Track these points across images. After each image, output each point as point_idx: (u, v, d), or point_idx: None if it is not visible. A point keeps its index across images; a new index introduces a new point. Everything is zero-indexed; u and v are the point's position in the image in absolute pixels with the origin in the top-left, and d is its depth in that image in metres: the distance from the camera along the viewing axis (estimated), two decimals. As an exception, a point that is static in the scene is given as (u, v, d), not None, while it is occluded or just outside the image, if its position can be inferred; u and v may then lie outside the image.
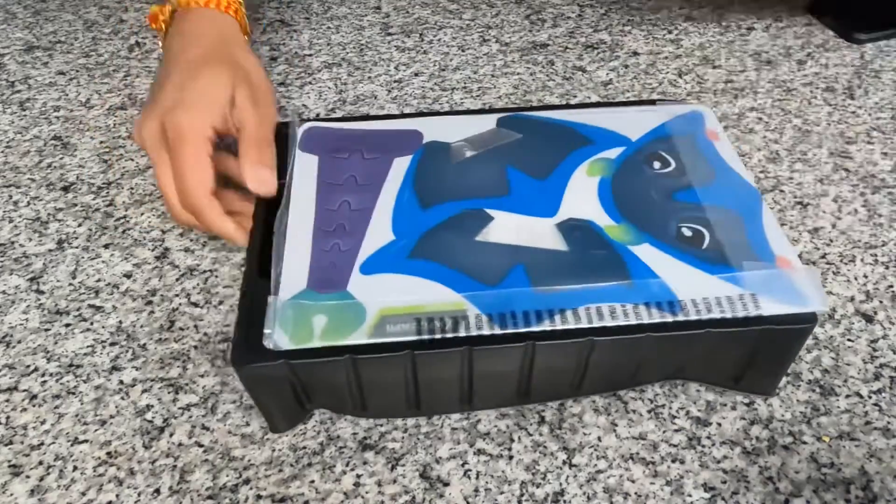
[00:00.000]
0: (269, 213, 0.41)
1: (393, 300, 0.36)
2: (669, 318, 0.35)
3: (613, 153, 0.44)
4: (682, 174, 0.43)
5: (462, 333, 0.34)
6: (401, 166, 0.43)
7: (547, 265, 0.37)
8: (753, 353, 0.37)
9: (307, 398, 0.38)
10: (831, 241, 0.49)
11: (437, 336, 0.34)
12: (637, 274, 0.37)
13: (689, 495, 0.36)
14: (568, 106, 0.50)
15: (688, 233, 0.39)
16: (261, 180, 0.42)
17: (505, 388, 0.38)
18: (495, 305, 0.35)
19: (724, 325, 0.35)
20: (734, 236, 0.39)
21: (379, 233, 0.39)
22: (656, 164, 0.43)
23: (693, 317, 0.35)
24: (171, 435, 0.39)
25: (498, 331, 0.34)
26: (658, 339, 0.35)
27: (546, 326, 0.35)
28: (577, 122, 0.46)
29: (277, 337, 0.34)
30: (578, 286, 0.36)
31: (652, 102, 0.49)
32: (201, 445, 0.39)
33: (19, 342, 0.44)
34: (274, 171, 0.43)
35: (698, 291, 0.36)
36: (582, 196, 0.41)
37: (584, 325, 0.35)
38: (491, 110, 0.48)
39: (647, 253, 0.38)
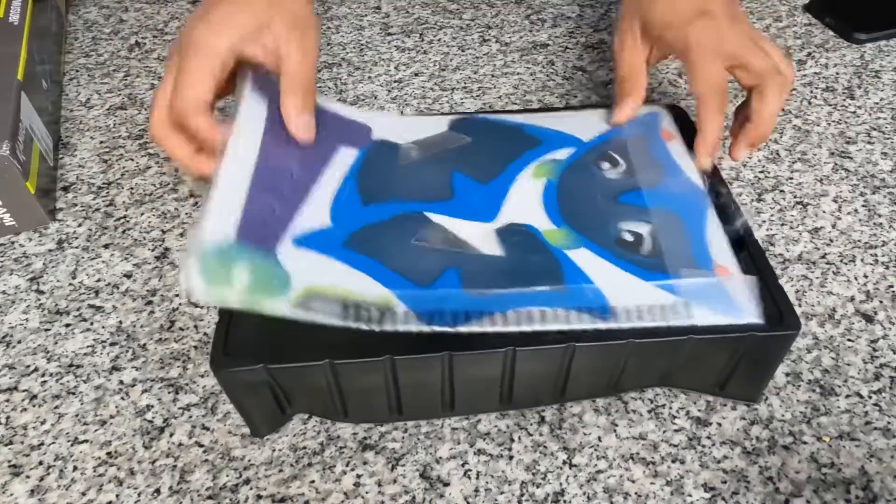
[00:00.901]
0: None
1: (321, 280, 0.35)
2: (602, 325, 0.34)
3: (562, 154, 0.44)
4: (630, 176, 0.42)
5: (388, 328, 0.34)
6: (346, 157, 0.42)
7: (481, 269, 0.37)
8: (735, 361, 0.37)
9: (288, 402, 0.37)
10: (831, 241, 0.49)
11: (364, 326, 0.33)
12: (571, 279, 0.36)
13: (689, 495, 0.36)
14: (525, 110, 0.50)
15: (628, 237, 0.39)
16: (303, 127, 0.41)
17: (488, 393, 0.38)
18: (424, 304, 0.35)
19: (704, 332, 0.35)
20: (675, 241, 0.38)
21: (316, 214, 0.38)
22: (605, 166, 0.43)
23: (625, 324, 0.35)
24: (171, 435, 0.39)
25: (425, 327, 0.34)
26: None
27: (475, 327, 0.34)
28: (530, 125, 0.46)
29: (195, 283, 0.32)
30: (509, 290, 0.36)
31: (608, 106, 0.48)
32: (201, 445, 0.39)
33: (19, 342, 0.44)
34: (313, 116, 0.42)
35: (631, 298, 0.35)
36: (525, 200, 0.41)
37: (513, 327, 0.34)
38: (445, 113, 0.47)
39: (583, 258, 0.37)
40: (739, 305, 0.35)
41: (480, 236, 0.39)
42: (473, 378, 0.36)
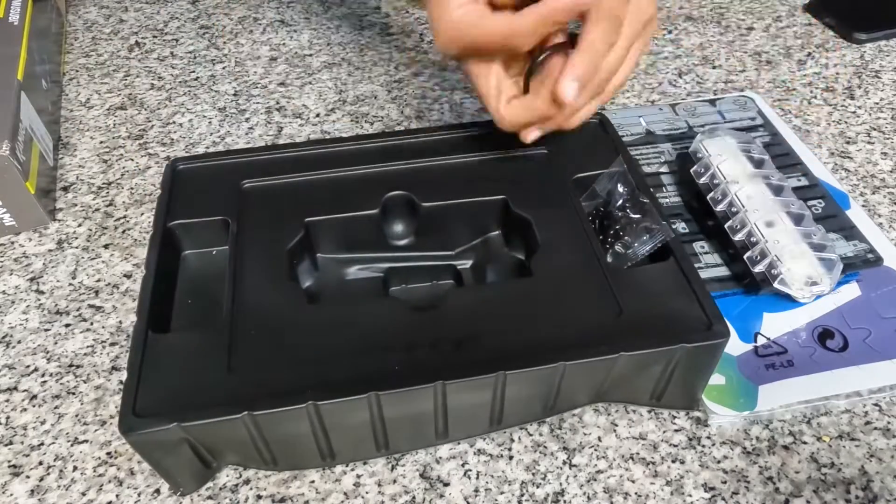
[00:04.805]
0: (161, 258, 0.39)
1: None
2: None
3: None
4: None
5: None
6: None
7: None
8: (669, 374, 0.36)
9: (212, 457, 0.36)
10: (831, 241, 0.49)
11: None
12: None
13: (689, 495, 0.36)
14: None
15: None
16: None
17: (421, 429, 0.37)
18: None
19: (634, 348, 0.34)
20: None
21: None
22: None
23: None
24: (171, 435, 0.39)
25: None
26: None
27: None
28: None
29: None
30: None
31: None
32: (201, 445, 0.38)
33: (19, 342, 0.44)
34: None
35: None
36: None
37: None
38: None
39: None
40: None
41: None
42: (404, 415, 0.35)
